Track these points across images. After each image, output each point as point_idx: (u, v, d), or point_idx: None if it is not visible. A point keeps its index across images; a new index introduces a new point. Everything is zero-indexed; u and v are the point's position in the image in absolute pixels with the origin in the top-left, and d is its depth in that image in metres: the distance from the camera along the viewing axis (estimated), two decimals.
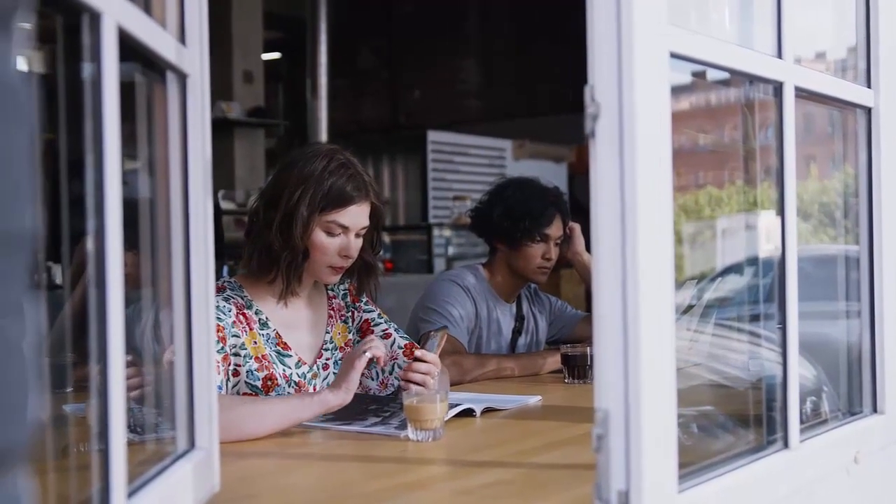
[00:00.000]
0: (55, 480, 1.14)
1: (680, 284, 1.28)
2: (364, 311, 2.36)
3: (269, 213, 2.14)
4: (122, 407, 0.99)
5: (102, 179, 0.97)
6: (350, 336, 2.33)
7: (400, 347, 2.30)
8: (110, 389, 0.98)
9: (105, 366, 0.98)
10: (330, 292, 2.35)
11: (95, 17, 0.96)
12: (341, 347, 2.31)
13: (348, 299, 2.36)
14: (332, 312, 2.33)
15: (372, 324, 2.35)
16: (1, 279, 0.56)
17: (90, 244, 0.97)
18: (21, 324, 0.57)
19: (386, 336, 2.32)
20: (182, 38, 1.31)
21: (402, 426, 1.87)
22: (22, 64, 0.60)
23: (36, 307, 0.60)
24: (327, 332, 2.29)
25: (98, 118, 0.97)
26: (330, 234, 2.14)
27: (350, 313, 2.35)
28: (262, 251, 2.15)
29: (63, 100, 1.06)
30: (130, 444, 1.05)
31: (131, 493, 1.06)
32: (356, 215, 2.16)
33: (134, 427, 1.30)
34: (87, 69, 0.98)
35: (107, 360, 0.98)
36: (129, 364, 1.30)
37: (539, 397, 2.32)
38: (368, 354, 1.94)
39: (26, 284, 0.59)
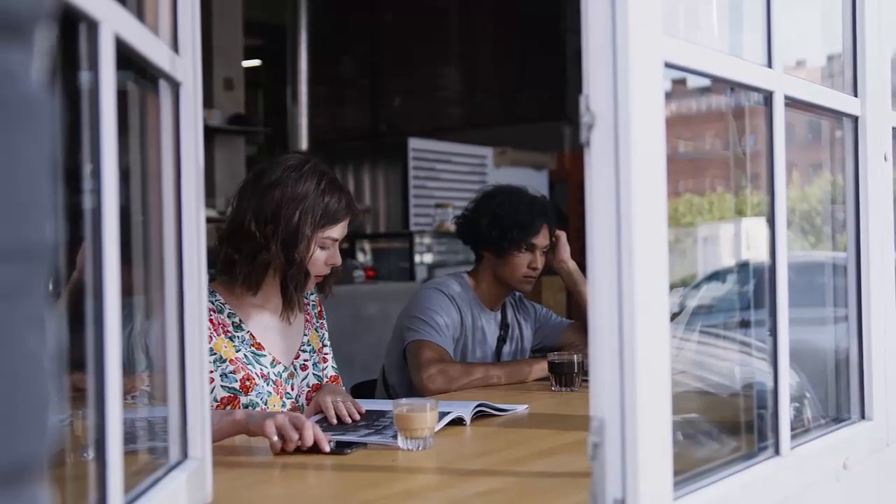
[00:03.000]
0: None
1: None
2: (325, 329, 2.46)
3: (262, 228, 2.17)
4: (119, 418, 0.99)
5: (100, 188, 0.96)
6: (320, 344, 2.42)
7: (327, 377, 2.40)
8: (107, 400, 0.97)
9: (102, 377, 0.97)
10: (303, 298, 2.41)
11: (93, 26, 0.95)
12: (318, 351, 2.39)
13: (316, 311, 2.45)
14: (307, 318, 2.40)
15: (326, 339, 2.46)
16: (22, 291, 0.55)
17: (87, 253, 0.97)
18: (42, 336, 0.57)
19: (323, 360, 2.42)
20: (175, 46, 1.31)
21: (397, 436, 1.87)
22: (42, 75, 0.60)
23: (55, 319, 0.60)
24: (305, 335, 2.36)
25: (95, 126, 0.96)
26: (323, 248, 2.23)
27: (318, 324, 2.44)
28: (260, 267, 2.19)
29: (57, 108, 1.05)
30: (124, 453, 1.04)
31: None
32: (344, 227, 2.27)
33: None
34: (83, 77, 0.97)
35: (104, 371, 0.97)
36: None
37: (526, 406, 2.32)
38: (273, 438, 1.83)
39: (46, 296, 0.58)
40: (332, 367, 2.45)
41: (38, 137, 0.56)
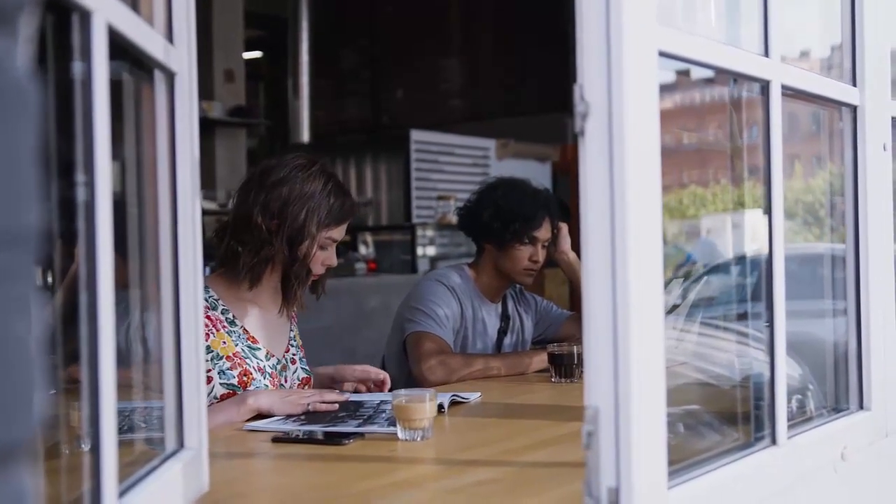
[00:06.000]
0: (43, 482, 1.13)
1: (665, 283, 1.28)
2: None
3: (268, 222, 2.19)
4: (113, 408, 0.99)
5: (93, 181, 0.96)
6: (300, 341, 2.45)
7: (298, 379, 2.38)
8: (101, 391, 0.97)
9: (96, 368, 0.97)
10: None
11: (86, 16, 0.95)
12: (300, 347, 2.42)
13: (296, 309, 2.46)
14: (293, 315, 2.42)
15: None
16: (7, 275, 0.56)
17: (80, 246, 0.97)
18: (27, 320, 0.58)
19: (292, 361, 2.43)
20: (170, 36, 1.30)
21: (392, 423, 1.87)
22: (27, 62, 0.60)
23: (41, 303, 0.60)
24: (291, 330, 2.40)
25: (88, 118, 0.96)
26: (323, 248, 2.26)
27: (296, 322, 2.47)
28: (263, 261, 2.21)
29: (50, 99, 1.05)
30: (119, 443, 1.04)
31: (122, 493, 1.05)
32: (343, 229, 2.31)
33: (121, 427, 1.29)
34: (76, 68, 0.97)
35: (98, 362, 0.97)
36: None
37: (479, 394, 2.34)
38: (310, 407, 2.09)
39: (32, 281, 0.59)
40: (303, 368, 2.43)
41: (23, 124, 0.57)
